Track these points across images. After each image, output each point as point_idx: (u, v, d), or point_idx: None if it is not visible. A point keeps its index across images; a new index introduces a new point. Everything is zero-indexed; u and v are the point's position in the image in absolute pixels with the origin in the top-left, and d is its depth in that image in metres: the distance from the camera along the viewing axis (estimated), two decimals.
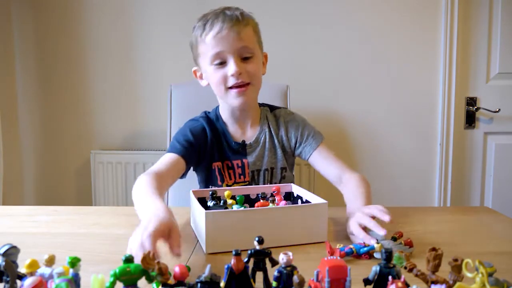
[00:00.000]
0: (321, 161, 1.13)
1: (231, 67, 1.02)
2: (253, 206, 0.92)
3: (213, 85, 1.09)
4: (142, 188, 0.86)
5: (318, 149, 1.14)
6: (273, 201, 0.91)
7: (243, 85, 1.05)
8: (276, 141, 1.17)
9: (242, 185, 1.13)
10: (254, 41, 1.07)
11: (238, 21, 1.02)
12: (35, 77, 2.09)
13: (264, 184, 1.15)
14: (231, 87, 1.05)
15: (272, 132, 1.17)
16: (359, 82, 2.08)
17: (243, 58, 1.05)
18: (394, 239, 0.79)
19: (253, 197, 0.98)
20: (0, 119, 1.87)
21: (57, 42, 2.07)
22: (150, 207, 0.75)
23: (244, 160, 1.13)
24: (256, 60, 1.07)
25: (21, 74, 2.09)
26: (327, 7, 2.03)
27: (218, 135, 1.15)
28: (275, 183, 1.14)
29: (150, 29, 2.04)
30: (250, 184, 1.14)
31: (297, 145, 1.17)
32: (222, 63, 1.04)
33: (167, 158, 1.04)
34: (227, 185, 1.13)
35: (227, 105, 1.13)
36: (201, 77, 1.15)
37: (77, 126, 2.11)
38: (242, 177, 1.14)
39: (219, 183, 1.13)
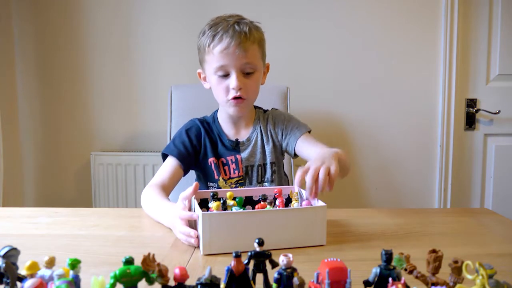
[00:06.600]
0: (306, 147, 1.15)
1: (233, 81, 1.09)
2: (255, 208, 0.92)
3: (215, 93, 1.17)
4: (152, 198, 1.03)
5: (302, 137, 1.18)
6: (271, 203, 0.91)
7: (240, 98, 1.12)
8: (265, 138, 1.22)
9: (237, 180, 1.19)
10: (258, 57, 1.14)
11: (246, 38, 1.08)
12: (35, 78, 2.09)
13: (257, 178, 1.21)
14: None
15: (263, 130, 1.23)
16: (360, 84, 2.08)
17: (245, 73, 1.11)
18: None
19: (255, 199, 0.97)
20: (0, 120, 1.87)
21: (57, 42, 2.07)
22: (169, 210, 0.92)
23: (237, 156, 1.19)
24: (257, 75, 1.14)
25: (21, 74, 2.09)
26: (327, 8, 2.04)
27: (213, 135, 1.22)
28: (267, 178, 1.20)
29: (150, 30, 2.05)
30: (244, 179, 1.20)
31: (283, 137, 1.22)
32: (225, 75, 1.11)
33: (167, 167, 1.14)
34: (223, 179, 1.18)
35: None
36: (204, 79, 1.21)
37: (77, 127, 2.11)
38: (236, 172, 1.19)
39: (216, 177, 1.18)
